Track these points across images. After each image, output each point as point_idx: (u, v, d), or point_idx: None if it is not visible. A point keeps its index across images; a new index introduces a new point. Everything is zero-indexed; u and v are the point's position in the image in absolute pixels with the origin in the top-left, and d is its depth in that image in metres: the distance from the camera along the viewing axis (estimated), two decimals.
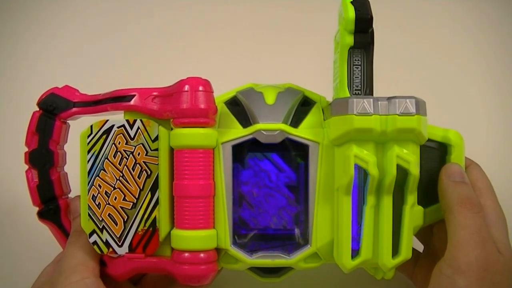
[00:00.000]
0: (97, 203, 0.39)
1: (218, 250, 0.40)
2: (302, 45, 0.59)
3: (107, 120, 0.39)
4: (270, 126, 0.39)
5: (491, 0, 0.60)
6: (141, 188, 0.39)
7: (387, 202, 0.37)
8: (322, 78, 0.45)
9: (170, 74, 0.42)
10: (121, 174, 0.39)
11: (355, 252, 0.38)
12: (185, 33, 0.60)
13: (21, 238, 0.54)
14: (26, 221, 0.52)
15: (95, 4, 0.61)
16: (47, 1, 0.61)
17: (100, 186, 0.39)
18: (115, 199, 0.39)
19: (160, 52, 0.60)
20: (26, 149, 0.41)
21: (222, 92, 0.42)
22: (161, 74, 0.46)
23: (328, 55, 0.44)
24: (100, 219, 0.39)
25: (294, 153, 0.41)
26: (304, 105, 0.41)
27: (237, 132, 0.40)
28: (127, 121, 0.39)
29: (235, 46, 0.60)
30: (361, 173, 0.38)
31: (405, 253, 0.37)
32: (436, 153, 0.40)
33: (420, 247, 0.45)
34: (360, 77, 0.39)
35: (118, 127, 0.39)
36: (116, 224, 0.39)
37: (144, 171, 0.39)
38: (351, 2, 0.38)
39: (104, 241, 0.39)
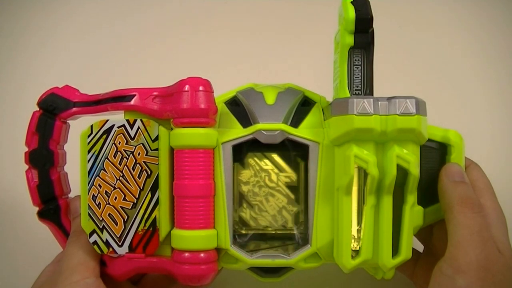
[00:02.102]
0: (97, 203, 0.39)
1: (218, 250, 0.39)
2: (302, 45, 0.59)
3: (107, 120, 0.39)
4: (270, 126, 0.39)
5: None
6: (141, 188, 0.39)
7: (387, 202, 0.37)
8: (322, 78, 0.45)
9: (170, 74, 0.42)
10: (121, 174, 0.39)
11: (355, 252, 0.38)
12: (186, 33, 0.60)
13: (21, 238, 0.54)
14: (26, 221, 0.51)
15: (96, 4, 0.61)
16: (47, 1, 0.61)
17: (100, 186, 0.39)
18: (115, 199, 0.39)
19: (160, 52, 0.60)
20: (26, 149, 0.41)
21: (222, 92, 0.42)
22: (161, 74, 0.46)
23: (328, 55, 0.44)
24: (100, 219, 0.39)
25: (294, 153, 0.41)
26: (304, 105, 0.41)
27: (237, 132, 0.40)
28: (127, 121, 0.39)
29: (235, 46, 0.60)
30: (361, 173, 0.38)
31: (405, 253, 0.37)
32: (436, 153, 0.40)
33: (420, 247, 0.45)
34: (360, 77, 0.39)
35: (118, 127, 0.39)
36: (116, 224, 0.39)
37: (144, 171, 0.39)
38: (351, 2, 0.38)
39: (104, 241, 0.39)
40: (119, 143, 0.39)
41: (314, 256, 0.40)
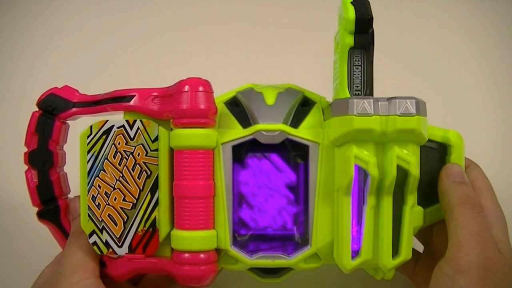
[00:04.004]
0: (96, 204, 0.39)
1: (218, 250, 0.39)
2: (302, 45, 0.59)
3: (107, 121, 0.39)
4: (270, 126, 0.39)
5: (491, 0, 0.60)
6: (141, 188, 0.39)
7: (387, 203, 0.37)
8: (322, 79, 0.45)
9: (170, 74, 0.42)
10: (121, 175, 0.39)
11: (355, 253, 0.38)
12: (185, 33, 0.60)
13: (20, 239, 0.54)
14: (25, 221, 0.51)
15: (95, 4, 0.61)
16: (46, 1, 0.61)
17: (100, 187, 0.39)
18: (115, 199, 0.39)
19: (160, 52, 0.60)
20: (26, 149, 0.41)
21: (222, 92, 0.42)
22: (161, 74, 0.46)
23: (328, 55, 0.43)
24: (100, 219, 0.39)
25: (294, 153, 0.41)
26: (304, 105, 0.41)
27: (237, 133, 0.39)
28: (127, 121, 0.39)
29: (235, 46, 0.60)
30: (361, 174, 0.38)
31: (405, 254, 0.37)
32: (436, 154, 0.40)
33: (420, 248, 0.45)
34: (360, 78, 0.39)
35: (118, 128, 0.39)
36: (116, 225, 0.39)
37: (144, 172, 0.39)
38: (351, 2, 0.38)
39: (104, 241, 0.39)
40: (119, 144, 0.39)
41: (314, 257, 0.40)
